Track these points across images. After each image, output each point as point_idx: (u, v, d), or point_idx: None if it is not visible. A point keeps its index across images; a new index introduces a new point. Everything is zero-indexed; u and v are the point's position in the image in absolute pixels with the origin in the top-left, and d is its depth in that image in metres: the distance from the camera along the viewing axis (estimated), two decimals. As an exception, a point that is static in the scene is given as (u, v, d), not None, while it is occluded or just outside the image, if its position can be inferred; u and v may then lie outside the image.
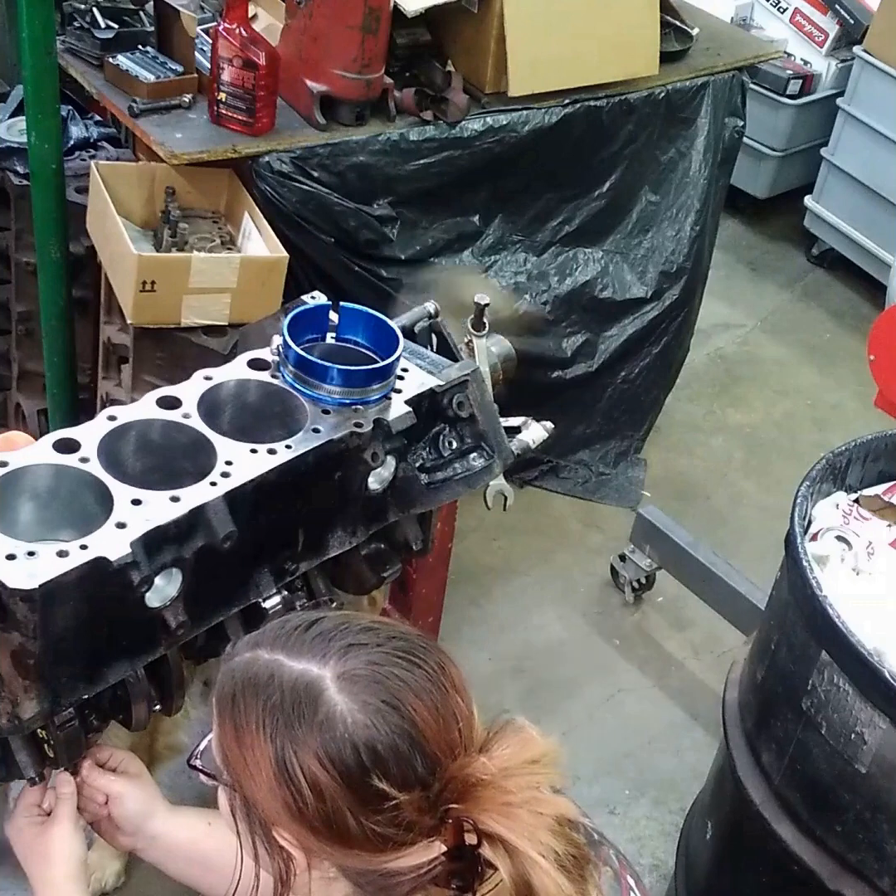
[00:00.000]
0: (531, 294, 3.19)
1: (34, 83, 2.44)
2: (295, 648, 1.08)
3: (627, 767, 2.84)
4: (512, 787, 1.05)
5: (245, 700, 1.07)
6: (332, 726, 1.03)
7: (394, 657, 1.07)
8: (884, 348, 2.69)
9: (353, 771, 1.02)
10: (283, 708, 1.04)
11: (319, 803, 1.03)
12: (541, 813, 1.05)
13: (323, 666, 1.05)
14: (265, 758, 1.04)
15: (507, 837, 1.03)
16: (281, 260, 2.49)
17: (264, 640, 1.11)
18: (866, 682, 1.79)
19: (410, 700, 1.05)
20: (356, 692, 1.04)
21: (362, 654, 1.06)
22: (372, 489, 1.59)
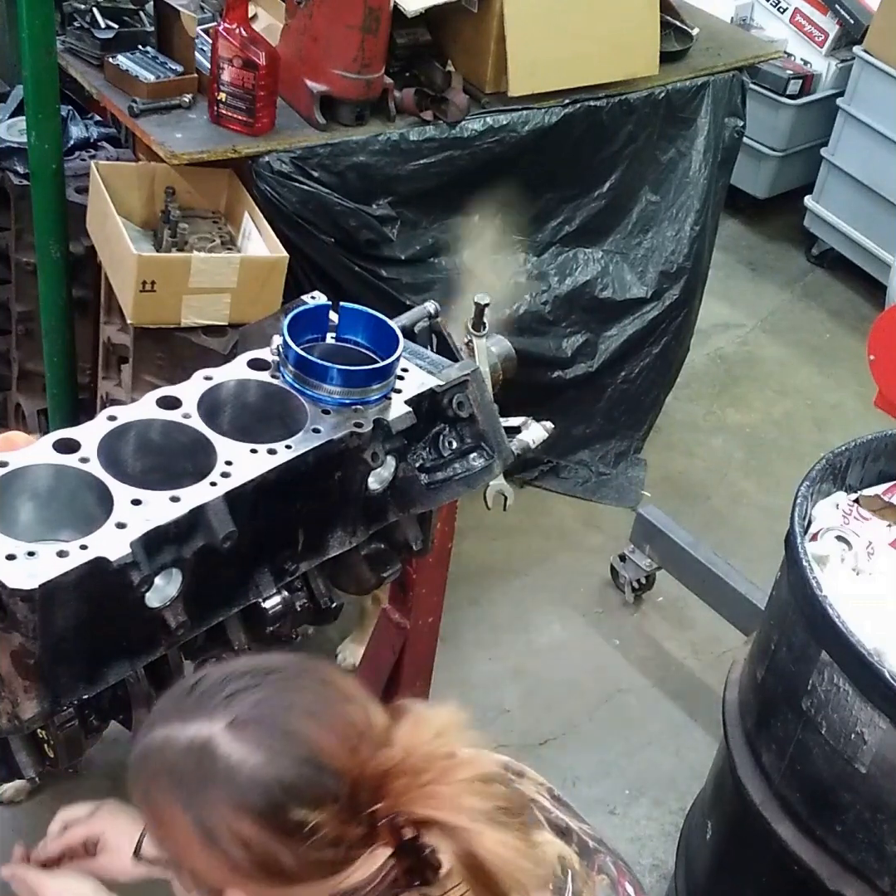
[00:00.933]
0: (531, 294, 3.19)
1: (34, 83, 2.44)
2: (183, 715, 1.08)
3: (627, 767, 2.84)
4: (421, 766, 1.05)
5: (153, 780, 1.08)
6: (235, 776, 1.03)
7: (277, 690, 1.08)
8: (884, 348, 2.69)
9: (267, 811, 1.03)
10: (187, 775, 1.05)
11: (248, 853, 1.03)
12: (459, 780, 1.05)
13: (211, 722, 1.05)
14: (187, 828, 1.05)
15: (435, 817, 1.03)
16: (281, 260, 2.49)
17: (157, 718, 1.12)
18: (866, 682, 1.79)
19: (302, 726, 1.05)
20: (248, 737, 1.04)
21: (246, 699, 1.07)
22: (372, 489, 1.59)
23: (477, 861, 1.03)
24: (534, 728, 2.90)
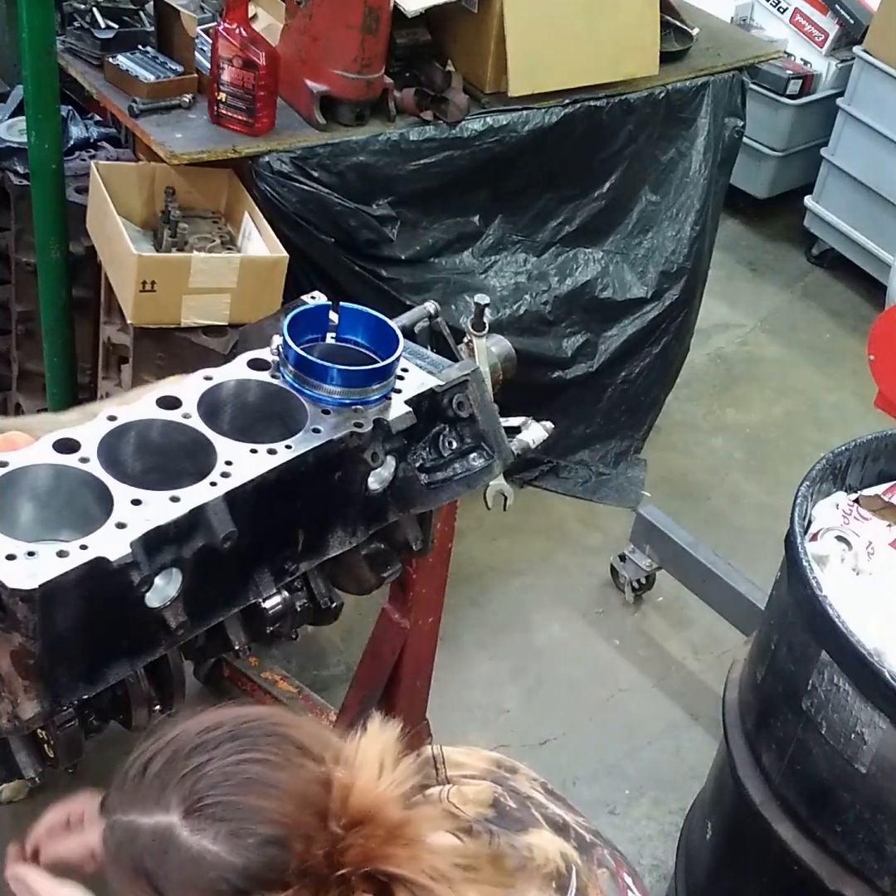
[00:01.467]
0: (531, 294, 3.19)
1: (34, 83, 2.44)
2: (140, 802, 1.06)
3: (627, 767, 2.84)
4: (368, 831, 1.03)
5: (118, 869, 1.07)
6: (199, 867, 1.02)
7: (228, 767, 1.05)
8: (884, 348, 2.69)
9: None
10: (154, 866, 1.04)
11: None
12: (411, 839, 1.03)
13: (167, 811, 1.04)
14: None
15: (398, 875, 1.02)
16: (281, 260, 2.50)
17: (116, 803, 1.10)
18: (866, 682, 1.79)
19: (259, 805, 1.03)
20: (205, 826, 1.02)
21: (198, 782, 1.04)
22: (372, 489, 1.59)
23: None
24: (534, 728, 2.90)
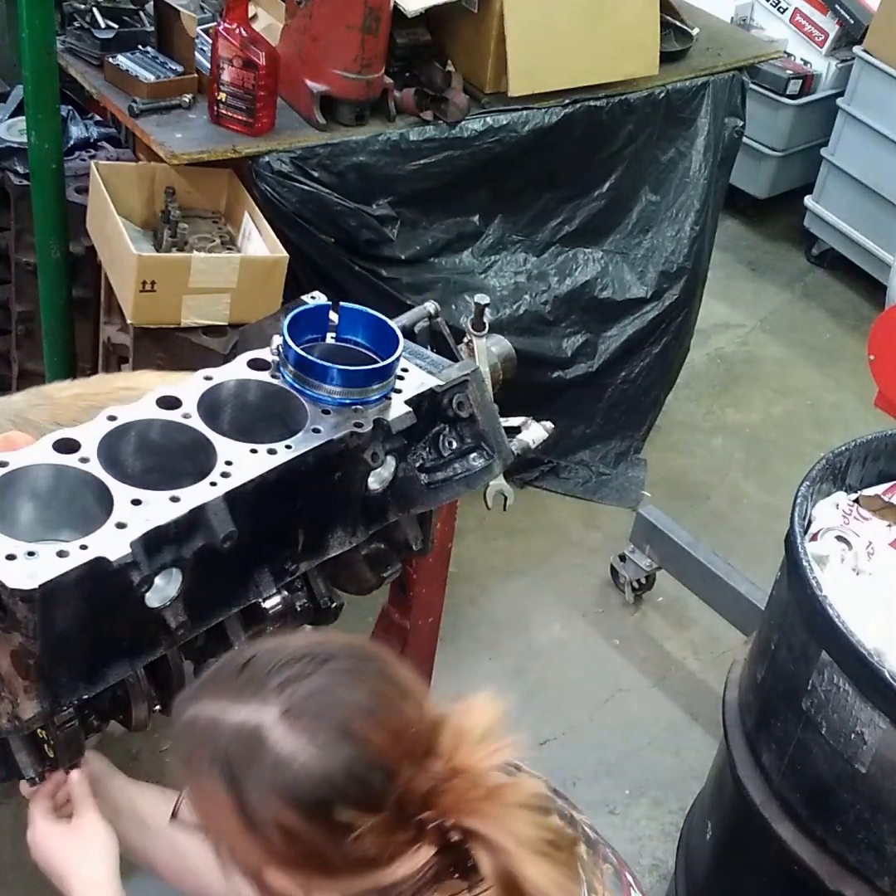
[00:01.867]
0: (531, 294, 3.19)
1: (34, 83, 2.44)
2: (234, 695, 1.06)
3: (627, 767, 2.84)
4: (469, 782, 1.04)
5: (197, 757, 1.06)
6: (286, 768, 1.01)
7: (332, 682, 1.05)
8: (884, 348, 2.69)
9: (315, 806, 1.02)
10: (235, 758, 1.03)
11: (293, 842, 1.03)
12: (507, 802, 1.05)
13: (263, 708, 1.03)
14: (229, 809, 1.04)
15: (481, 832, 1.03)
16: (281, 260, 2.50)
17: (204, 692, 1.09)
18: (866, 682, 1.79)
19: (357, 724, 1.03)
20: (301, 729, 1.02)
21: (300, 688, 1.04)
22: (372, 489, 1.59)
23: (515, 884, 1.02)
24: (534, 728, 2.89)
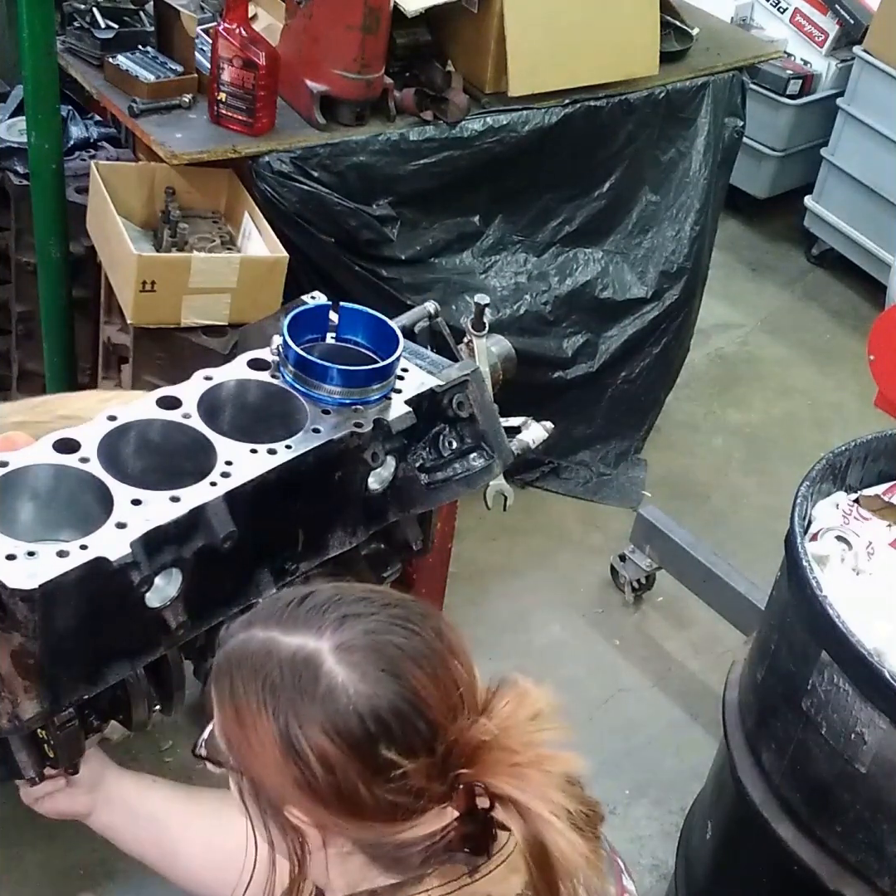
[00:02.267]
0: (531, 294, 3.19)
1: (34, 83, 2.44)
2: (289, 623, 1.07)
3: (627, 767, 2.84)
4: (517, 747, 1.05)
5: (243, 680, 1.06)
6: (335, 698, 1.02)
7: (390, 625, 1.07)
8: (884, 348, 2.69)
9: (359, 741, 1.02)
10: (283, 684, 1.03)
11: (329, 776, 1.02)
12: (549, 771, 1.05)
13: (319, 638, 1.04)
14: (270, 736, 1.04)
15: (518, 798, 1.03)
16: (281, 260, 2.50)
17: (258, 619, 1.10)
18: (866, 682, 1.79)
19: (409, 667, 1.04)
20: (355, 662, 1.03)
21: (358, 624, 1.06)
22: (372, 489, 1.59)
23: (545, 852, 1.03)
24: (534, 728, 2.89)
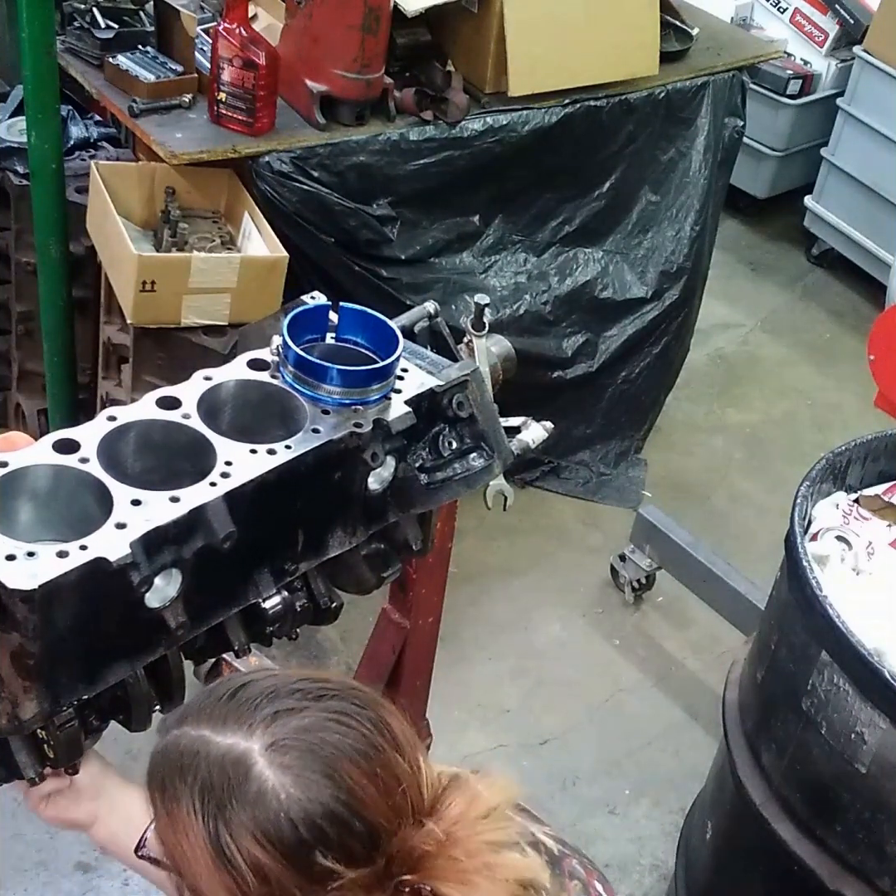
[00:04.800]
0: (531, 294, 3.19)
1: (34, 83, 2.44)
2: (220, 721, 1.01)
3: (627, 767, 2.84)
4: (463, 855, 0.98)
5: (174, 783, 1.01)
6: (266, 803, 0.96)
7: (325, 720, 1.00)
8: (884, 348, 2.69)
9: (293, 849, 0.95)
10: (213, 788, 0.97)
11: (264, 886, 0.96)
12: (498, 879, 0.99)
13: (249, 738, 0.98)
14: (200, 843, 0.98)
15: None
16: (281, 260, 2.50)
17: (190, 713, 1.04)
18: (866, 682, 1.79)
19: (345, 767, 0.97)
20: (287, 764, 0.97)
21: (291, 721, 0.99)
22: (372, 489, 1.59)
23: None
24: (534, 728, 2.90)
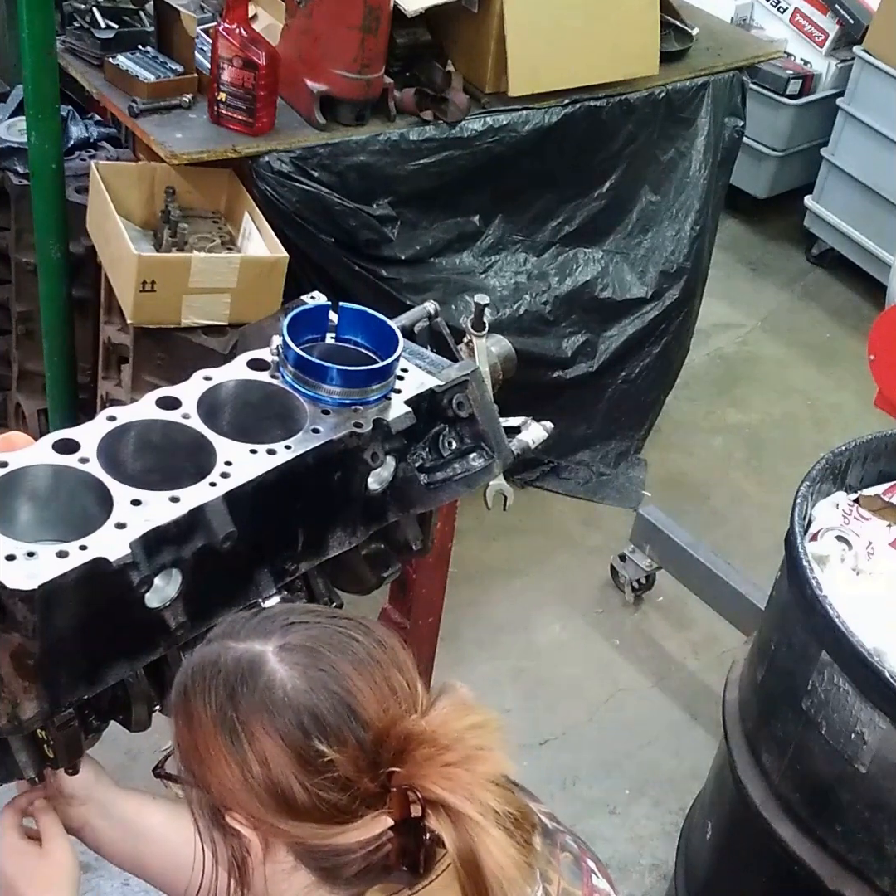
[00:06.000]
0: (531, 294, 3.19)
1: (34, 83, 2.44)
2: (241, 633, 1.13)
3: (627, 767, 2.84)
4: (446, 742, 1.07)
5: (194, 686, 1.12)
6: (273, 693, 1.07)
7: (334, 632, 1.12)
8: (884, 348, 2.69)
9: (294, 735, 1.07)
10: (227, 682, 1.09)
11: (265, 770, 1.07)
12: (477, 771, 1.07)
13: (265, 642, 1.11)
14: (213, 733, 1.09)
15: (447, 800, 1.04)
16: (281, 260, 2.50)
17: (214, 636, 1.16)
18: (866, 682, 1.79)
19: (347, 670, 1.09)
20: (295, 661, 1.09)
21: (303, 629, 1.12)
22: (372, 489, 1.59)
23: (474, 857, 1.03)
24: (534, 728, 2.89)
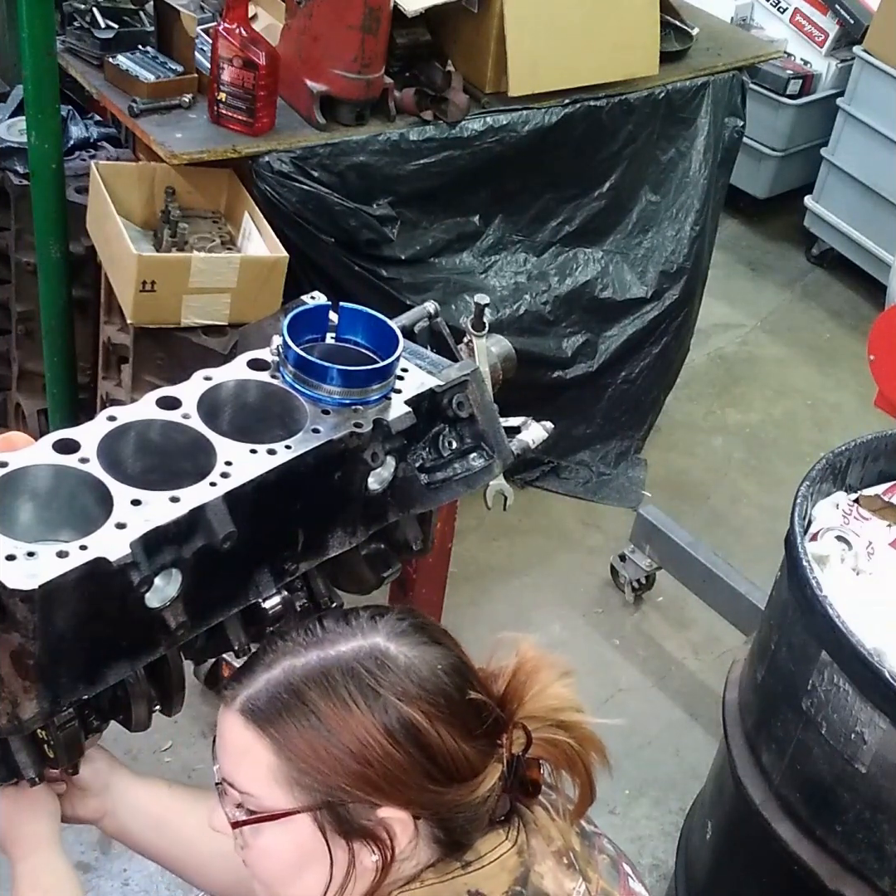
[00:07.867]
0: (531, 294, 3.19)
1: (34, 83, 2.44)
2: (320, 643, 1.14)
3: (627, 767, 2.84)
4: (536, 670, 1.23)
5: (312, 701, 1.10)
6: (416, 670, 1.11)
7: (411, 613, 1.19)
8: (884, 348, 2.69)
9: (453, 694, 1.12)
10: (363, 681, 1.10)
11: (437, 741, 1.09)
12: (568, 687, 1.26)
13: (365, 638, 1.13)
14: (370, 729, 1.08)
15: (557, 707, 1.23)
16: (281, 260, 2.50)
17: (277, 658, 1.15)
18: (866, 682, 1.79)
19: (444, 638, 1.19)
20: (410, 642, 1.14)
21: (389, 619, 1.16)
22: (372, 489, 1.59)
23: (588, 737, 1.24)
24: (534, 728, 2.89)
